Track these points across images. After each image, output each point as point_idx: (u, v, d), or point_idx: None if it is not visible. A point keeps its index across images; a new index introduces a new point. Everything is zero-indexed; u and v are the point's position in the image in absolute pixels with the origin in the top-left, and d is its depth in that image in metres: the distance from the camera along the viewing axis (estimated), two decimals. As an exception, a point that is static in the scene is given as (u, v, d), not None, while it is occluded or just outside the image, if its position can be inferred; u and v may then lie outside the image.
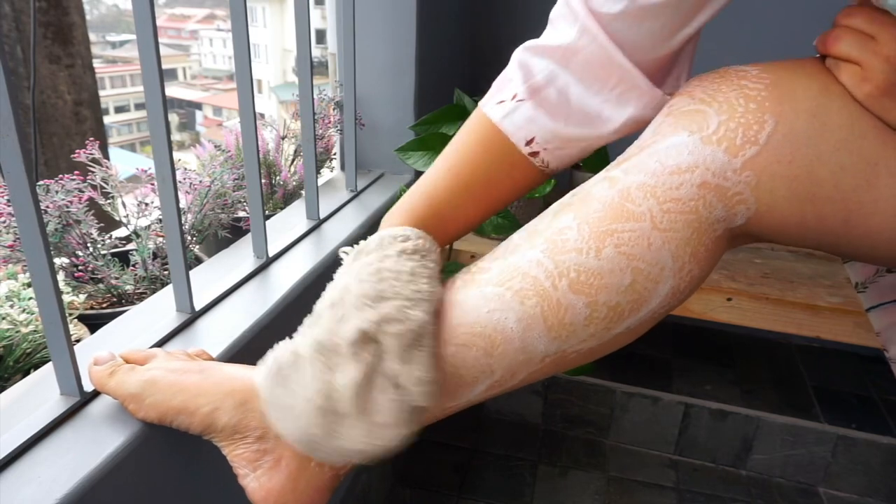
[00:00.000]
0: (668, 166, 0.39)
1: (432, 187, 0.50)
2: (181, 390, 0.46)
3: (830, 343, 1.21)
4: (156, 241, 0.74)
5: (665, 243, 0.39)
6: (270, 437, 0.45)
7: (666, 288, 0.40)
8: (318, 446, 0.43)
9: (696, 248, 0.39)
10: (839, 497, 1.21)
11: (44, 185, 0.66)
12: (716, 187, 0.38)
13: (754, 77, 0.39)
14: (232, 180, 0.81)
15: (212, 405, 0.45)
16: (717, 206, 0.38)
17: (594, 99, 0.45)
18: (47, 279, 0.44)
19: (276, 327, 0.66)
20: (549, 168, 0.49)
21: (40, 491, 0.40)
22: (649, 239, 0.39)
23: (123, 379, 0.47)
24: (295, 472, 0.45)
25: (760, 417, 1.22)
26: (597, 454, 1.29)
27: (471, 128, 0.50)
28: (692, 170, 0.38)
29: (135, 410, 0.47)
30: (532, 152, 0.48)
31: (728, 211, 0.39)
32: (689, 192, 0.38)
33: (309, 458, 0.45)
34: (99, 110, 1.75)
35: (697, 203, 0.38)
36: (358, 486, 1.01)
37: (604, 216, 0.40)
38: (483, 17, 1.34)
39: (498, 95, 0.49)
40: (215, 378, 0.47)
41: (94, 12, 28.39)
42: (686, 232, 0.39)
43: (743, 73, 0.39)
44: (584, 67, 0.45)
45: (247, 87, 0.66)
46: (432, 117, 1.00)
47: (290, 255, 0.77)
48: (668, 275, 0.40)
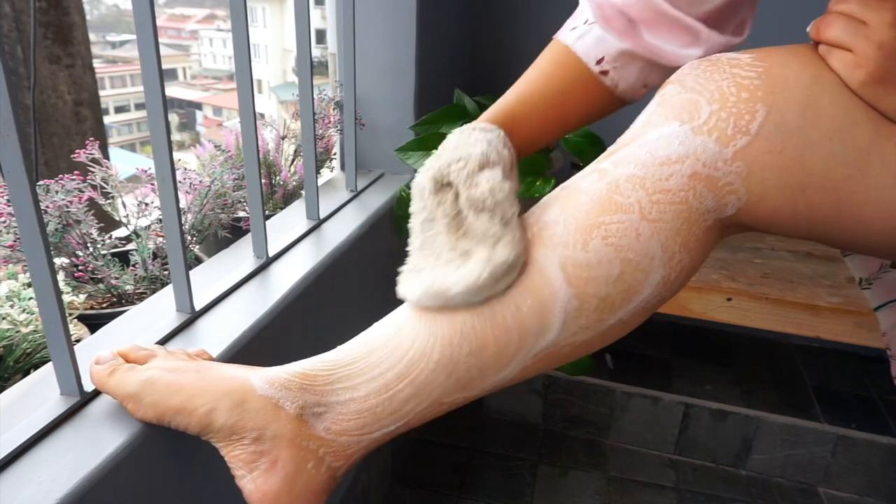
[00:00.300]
0: (658, 157, 0.39)
1: (511, 99, 0.54)
2: (178, 390, 0.46)
3: (830, 343, 1.21)
4: (156, 241, 0.74)
5: (654, 234, 0.39)
6: (267, 438, 0.45)
7: (657, 278, 0.40)
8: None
9: (687, 238, 0.40)
10: (839, 497, 1.21)
11: (44, 185, 0.66)
12: (706, 178, 0.38)
13: (747, 65, 0.38)
14: (232, 180, 0.81)
15: (208, 406, 0.45)
16: (707, 197, 0.38)
17: (656, 40, 0.49)
18: (47, 279, 0.44)
19: (276, 327, 0.66)
20: (618, 88, 0.53)
21: (40, 491, 0.40)
22: (638, 230, 0.39)
23: (122, 378, 0.47)
24: (291, 473, 0.45)
25: (760, 417, 1.22)
26: (597, 454, 1.29)
27: (545, 56, 0.55)
28: (682, 160, 0.38)
29: (133, 410, 0.47)
30: (602, 71, 0.52)
31: (718, 201, 0.39)
32: (680, 183, 0.38)
33: (306, 460, 0.45)
34: (99, 110, 1.75)
35: (688, 193, 0.39)
36: (358, 486, 1.01)
37: (591, 209, 0.41)
38: (483, 17, 1.34)
39: (571, 23, 0.53)
40: (212, 378, 0.46)
41: (94, 12, 28.39)
42: (676, 222, 0.39)
43: (735, 62, 0.39)
44: (643, 20, 0.49)
45: (247, 87, 0.66)
46: (432, 117, 1.00)
47: (290, 255, 0.77)
48: (658, 265, 0.40)
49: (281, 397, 0.45)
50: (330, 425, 0.45)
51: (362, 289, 0.93)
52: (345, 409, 0.45)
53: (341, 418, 0.45)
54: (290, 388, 0.45)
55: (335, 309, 0.83)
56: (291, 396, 0.45)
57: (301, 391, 0.45)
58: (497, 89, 1.31)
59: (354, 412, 0.45)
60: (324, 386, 0.45)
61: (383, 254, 1.00)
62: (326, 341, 0.80)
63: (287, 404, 0.45)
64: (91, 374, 0.48)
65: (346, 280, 0.86)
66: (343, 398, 0.45)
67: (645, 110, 0.43)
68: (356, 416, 0.45)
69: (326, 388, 0.45)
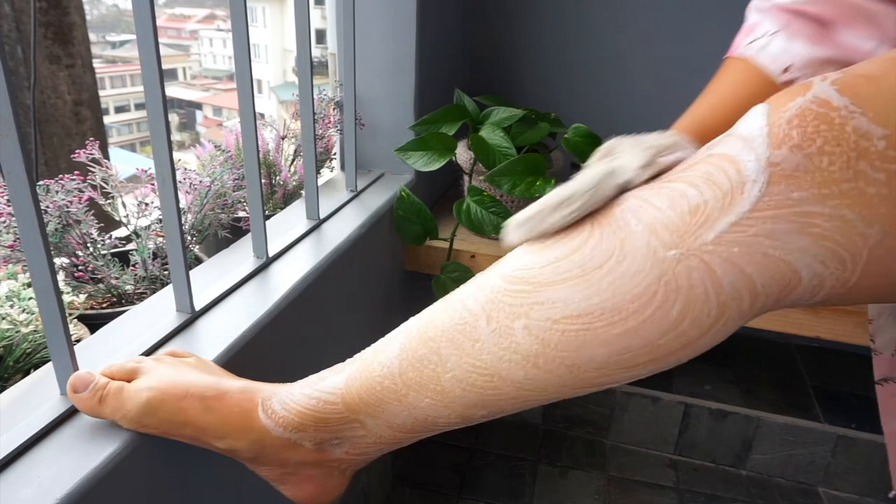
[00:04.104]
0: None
1: (698, 112, 0.51)
2: (186, 423, 0.45)
3: (830, 343, 1.21)
4: (156, 241, 0.74)
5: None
6: (291, 465, 0.47)
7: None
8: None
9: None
10: (839, 497, 1.21)
11: (44, 185, 0.66)
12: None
13: (878, 155, 0.29)
14: (232, 180, 0.81)
15: (226, 443, 0.46)
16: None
17: (852, 38, 0.46)
18: (47, 279, 0.44)
19: (276, 327, 0.66)
20: None
21: (40, 491, 0.40)
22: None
23: (117, 406, 0.45)
24: (322, 480, 0.48)
25: (760, 417, 1.22)
26: (597, 454, 1.29)
27: (723, 75, 0.52)
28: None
29: (138, 430, 0.46)
30: (788, 80, 0.48)
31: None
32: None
33: (331, 471, 0.47)
34: (99, 110, 1.75)
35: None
36: (358, 486, 1.01)
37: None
38: (483, 17, 1.34)
39: (745, 39, 0.51)
40: (221, 411, 0.45)
41: (94, 12, 28.38)
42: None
43: (865, 147, 0.29)
44: (837, 18, 0.46)
45: (247, 87, 0.66)
46: (432, 117, 1.00)
47: (290, 255, 0.77)
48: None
49: (297, 438, 0.45)
50: (349, 450, 0.46)
51: (362, 289, 0.93)
52: (362, 441, 0.45)
53: (359, 444, 0.46)
54: (305, 429, 0.45)
55: (335, 309, 0.83)
56: (307, 437, 0.45)
57: (316, 431, 0.45)
58: (497, 89, 1.32)
59: (374, 440, 0.45)
60: (338, 425, 0.45)
61: (383, 254, 1.00)
62: (326, 342, 0.81)
63: (305, 443, 0.45)
64: (77, 404, 0.46)
65: (346, 280, 0.86)
66: (360, 433, 0.45)
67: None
68: (376, 442, 0.45)
69: (343, 427, 0.45)
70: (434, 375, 0.39)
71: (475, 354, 0.38)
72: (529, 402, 0.39)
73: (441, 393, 0.40)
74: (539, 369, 0.36)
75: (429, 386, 0.40)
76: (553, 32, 1.30)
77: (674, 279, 0.32)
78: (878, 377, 0.51)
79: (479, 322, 0.38)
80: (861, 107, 0.29)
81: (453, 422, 0.41)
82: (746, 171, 0.31)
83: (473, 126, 1.03)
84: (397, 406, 0.41)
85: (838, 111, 0.30)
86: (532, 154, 0.96)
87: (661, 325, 0.33)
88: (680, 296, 0.32)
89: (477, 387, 0.38)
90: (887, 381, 0.50)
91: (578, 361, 0.35)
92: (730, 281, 0.32)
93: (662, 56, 1.28)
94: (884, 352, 0.50)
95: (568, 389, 0.37)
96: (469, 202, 0.97)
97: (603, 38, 1.29)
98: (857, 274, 0.31)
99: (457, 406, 0.40)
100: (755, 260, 0.31)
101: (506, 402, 0.39)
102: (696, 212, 0.32)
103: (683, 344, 0.34)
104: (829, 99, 0.30)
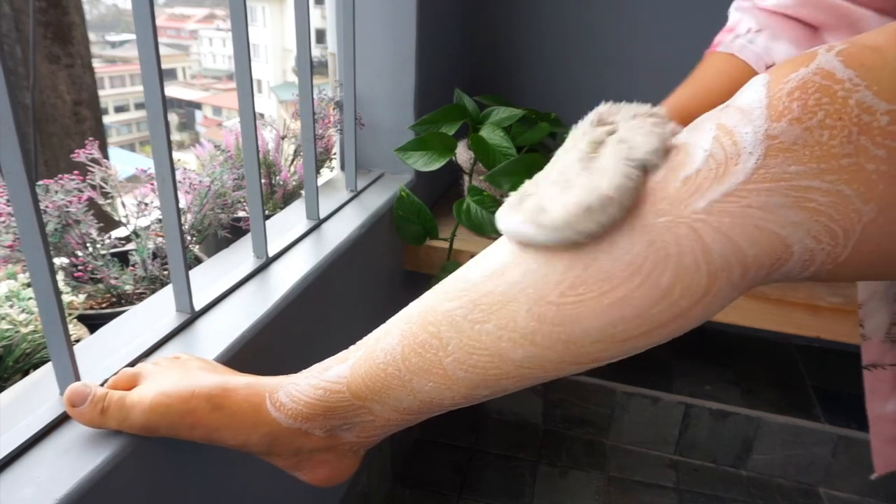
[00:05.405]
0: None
1: (682, 98, 0.51)
2: (195, 424, 0.45)
3: (830, 343, 1.21)
4: (155, 241, 0.74)
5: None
6: (304, 452, 0.47)
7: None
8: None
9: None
10: (839, 497, 1.21)
11: (43, 185, 0.66)
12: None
13: (881, 131, 0.29)
14: (232, 180, 0.80)
15: (238, 440, 0.46)
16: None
17: (829, 39, 0.46)
18: (47, 279, 0.44)
19: (276, 327, 0.66)
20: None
21: (40, 491, 0.40)
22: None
23: (122, 417, 0.44)
24: (336, 463, 0.48)
25: (760, 417, 1.22)
26: (597, 454, 1.28)
27: (705, 67, 0.52)
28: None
29: (149, 436, 0.46)
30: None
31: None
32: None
33: (344, 453, 0.48)
34: (98, 110, 1.75)
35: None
36: (358, 486, 1.01)
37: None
38: (483, 17, 1.34)
39: (727, 36, 0.51)
40: (229, 409, 0.46)
41: (94, 12, 28.37)
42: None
43: (867, 122, 0.29)
44: (824, 25, 0.46)
45: (247, 86, 0.66)
46: (432, 117, 1.00)
47: (290, 255, 0.77)
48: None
49: (307, 427, 0.46)
50: (359, 433, 0.47)
51: (362, 289, 0.92)
52: (371, 424, 0.46)
53: (368, 427, 0.46)
54: (314, 419, 0.46)
55: (335, 309, 0.83)
56: (317, 425, 0.46)
57: (325, 419, 0.46)
58: (497, 89, 1.31)
59: (382, 423, 0.46)
60: (346, 412, 0.45)
61: (383, 254, 1.00)
62: (327, 341, 0.80)
63: (315, 431, 0.46)
64: (78, 419, 0.45)
65: (346, 280, 0.86)
66: (369, 418, 0.46)
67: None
68: (384, 425, 0.46)
69: (351, 414, 0.45)
70: (436, 359, 0.40)
71: (475, 336, 0.38)
72: (530, 380, 0.40)
73: (444, 376, 0.40)
74: (537, 346, 0.37)
75: (431, 370, 0.41)
76: (553, 32, 1.30)
77: (663, 246, 0.32)
78: (866, 362, 0.51)
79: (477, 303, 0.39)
80: (866, 79, 0.29)
81: (458, 402, 0.42)
82: (743, 143, 0.31)
83: (473, 126, 1.03)
84: (402, 391, 0.42)
85: (842, 84, 0.29)
86: (532, 154, 0.96)
87: (652, 294, 0.33)
88: (669, 263, 0.33)
89: (479, 368, 0.39)
90: (875, 366, 0.50)
91: (574, 336, 0.36)
92: (719, 250, 0.32)
93: (662, 56, 1.27)
94: (873, 336, 0.50)
95: (567, 365, 0.38)
96: (469, 202, 0.97)
97: (603, 38, 1.29)
98: (849, 250, 0.31)
99: (460, 387, 0.41)
100: (746, 231, 0.31)
101: (507, 380, 0.40)
102: (689, 181, 0.32)
103: (675, 314, 0.34)
104: (834, 71, 0.30)
